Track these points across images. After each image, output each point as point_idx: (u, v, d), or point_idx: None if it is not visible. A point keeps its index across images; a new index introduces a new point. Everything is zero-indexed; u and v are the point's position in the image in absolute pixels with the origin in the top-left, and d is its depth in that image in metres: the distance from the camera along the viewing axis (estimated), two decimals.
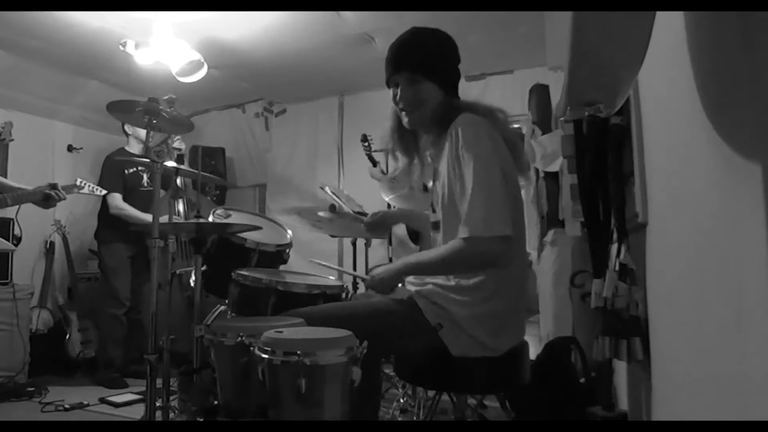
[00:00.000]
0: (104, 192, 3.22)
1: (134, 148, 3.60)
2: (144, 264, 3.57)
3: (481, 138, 1.38)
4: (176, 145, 3.83)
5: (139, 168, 3.58)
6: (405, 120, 1.55)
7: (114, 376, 3.38)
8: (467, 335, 1.42)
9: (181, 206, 3.68)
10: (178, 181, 3.45)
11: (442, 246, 1.43)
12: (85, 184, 3.03)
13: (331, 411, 1.28)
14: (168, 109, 2.21)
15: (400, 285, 1.57)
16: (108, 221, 3.52)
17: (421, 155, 1.64)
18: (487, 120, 1.44)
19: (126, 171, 3.54)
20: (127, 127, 3.58)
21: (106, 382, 3.33)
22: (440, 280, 1.49)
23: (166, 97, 2.69)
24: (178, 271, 2.84)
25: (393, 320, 1.48)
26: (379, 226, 1.94)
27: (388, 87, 1.56)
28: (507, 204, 1.35)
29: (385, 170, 3.40)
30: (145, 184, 3.59)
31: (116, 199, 3.46)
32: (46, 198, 2.75)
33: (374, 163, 3.41)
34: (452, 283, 1.46)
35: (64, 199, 2.79)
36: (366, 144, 3.44)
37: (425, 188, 2.41)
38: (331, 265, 1.93)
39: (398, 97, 1.52)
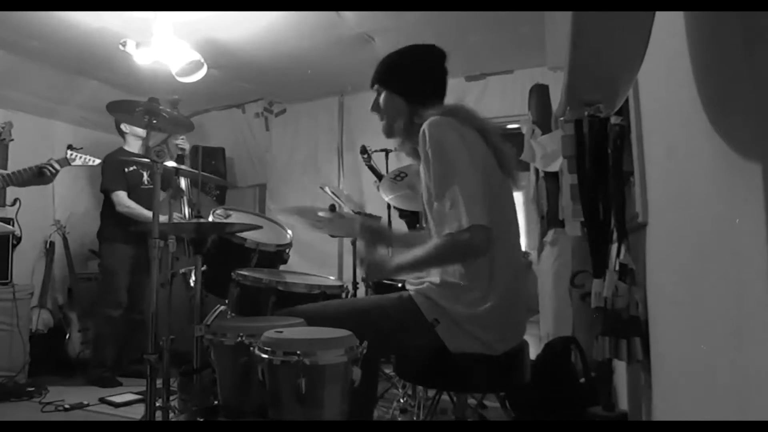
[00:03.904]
0: (97, 161, 3.14)
1: (133, 146, 3.58)
2: (145, 264, 3.57)
3: (446, 135, 1.42)
4: (179, 143, 3.80)
5: (139, 166, 3.56)
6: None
7: (106, 375, 3.36)
8: (463, 331, 1.42)
9: (186, 209, 3.67)
10: (182, 182, 3.43)
11: (428, 244, 1.45)
12: (76, 156, 2.95)
13: (331, 411, 1.28)
14: (173, 110, 2.21)
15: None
16: (111, 220, 3.50)
17: None
18: (453, 117, 1.47)
19: (126, 169, 3.52)
20: (123, 126, 3.54)
21: (99, 381, 3.32)
22: (435, 278, 1.50)
23: (170, 98, 2.68)
24: (181, 270, 2.84)
25: (391, 316, 1.49)
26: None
27: None
28: (479, 194, 1.36)
29: (384, 172, 3.38)
30: (146, 182, 3.58)
31: (122, 197, 3.44)
32: (41, 174, 2.73)
33: (379, 177, 3.33)
34: (446, 280, 1.47)
35: (57, 172, 2.80)
36: (365, 156, 3.38)
37: None
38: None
39: (372, 106, 1.68)
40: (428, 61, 1.65)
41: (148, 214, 3.37)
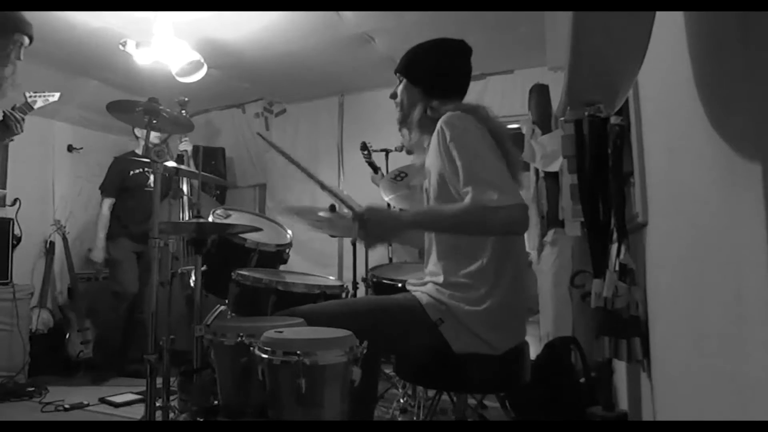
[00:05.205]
0: (57, 94, 2.87)
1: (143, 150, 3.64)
2: (148, 262, 3.59)
3: (468, 128, 1.43)
4: (182, 146, 3.86)
5: (145, 169, 3.62)
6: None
7: (108, 373, 3.43)
8: (468, 331, 1.42)
9: (186, 211, 3.70)
10: (185, 186, 3.46)
11: (461, 204, 1.36)
12: (37, 97, 2.74)
13: (331, 411, 1.28)
14: (181, 111, 2.21)
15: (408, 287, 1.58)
16: (116, 221, 3.61)
17: None
18: (472, 116, 1.48)
19: (131, 172, 3.60)
20: (137, 131, 3.63)
21: (100, 379, 3.38)
22: (438, 277, 1.50)
23: (178, 99, 2.66)
24: (180, 270, 2.84)
25: (394, 316, 1.49)
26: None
27: None
28: (510, 179, 1.37)
29: (384, 172, 3.39)
30: (150, 185, 3.62)
31: (105, 204, 3.59)
32: (5, 126, 2.53)
33: (375, 170, 3.37)
34: (450, 279, 1.47)
35: (22, 119, 2.56)
36: (366, 152, 3.41)
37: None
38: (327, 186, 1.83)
39: (391, 93, 1.70)
40: (452, 57, 1.67)
41: (100, 235, 3.55)
